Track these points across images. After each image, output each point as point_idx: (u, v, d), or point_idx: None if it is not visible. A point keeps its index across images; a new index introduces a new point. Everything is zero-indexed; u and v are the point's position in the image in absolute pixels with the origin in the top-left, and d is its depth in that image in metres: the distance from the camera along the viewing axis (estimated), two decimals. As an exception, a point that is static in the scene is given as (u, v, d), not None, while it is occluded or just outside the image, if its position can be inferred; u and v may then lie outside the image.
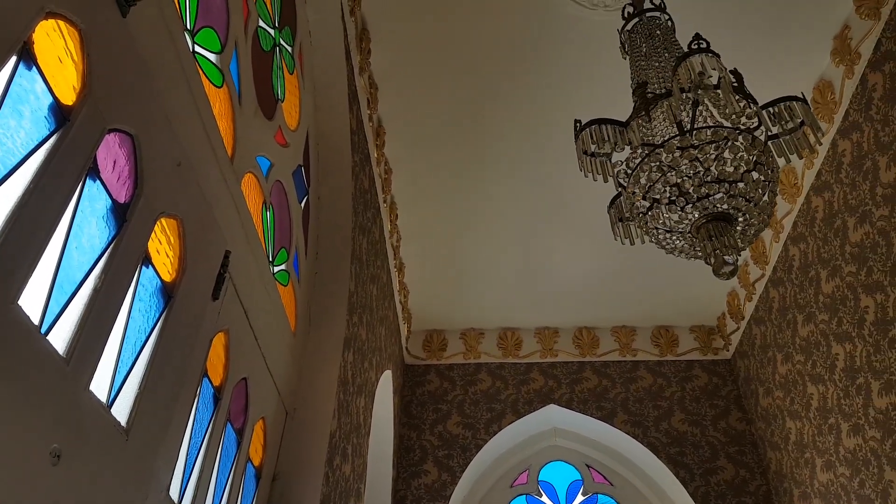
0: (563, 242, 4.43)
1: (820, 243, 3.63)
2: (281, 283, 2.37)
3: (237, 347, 1.95)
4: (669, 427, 4.69)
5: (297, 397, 2.56)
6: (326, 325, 2.73)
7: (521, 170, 3.94)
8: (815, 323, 3.73)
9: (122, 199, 1.38)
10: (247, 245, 1.97)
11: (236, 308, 1.91)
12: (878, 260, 3.11)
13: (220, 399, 1.84)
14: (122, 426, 1.30)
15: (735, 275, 1.83)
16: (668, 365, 4.99)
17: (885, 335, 3.10)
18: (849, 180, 3.30)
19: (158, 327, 1.47)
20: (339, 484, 2.67)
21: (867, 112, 3.10)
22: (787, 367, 4.09)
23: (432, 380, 5.03)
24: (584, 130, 1.95)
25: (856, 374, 3.34)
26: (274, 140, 2.30)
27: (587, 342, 5.09)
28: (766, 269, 4.26)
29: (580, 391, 4.89)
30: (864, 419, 3.28)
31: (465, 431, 4.76)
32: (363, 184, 3.21)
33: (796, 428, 4.01)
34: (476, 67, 3.41)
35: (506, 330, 5.21)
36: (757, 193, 1.85)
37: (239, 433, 2.02)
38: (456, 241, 4.43)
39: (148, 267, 1.46)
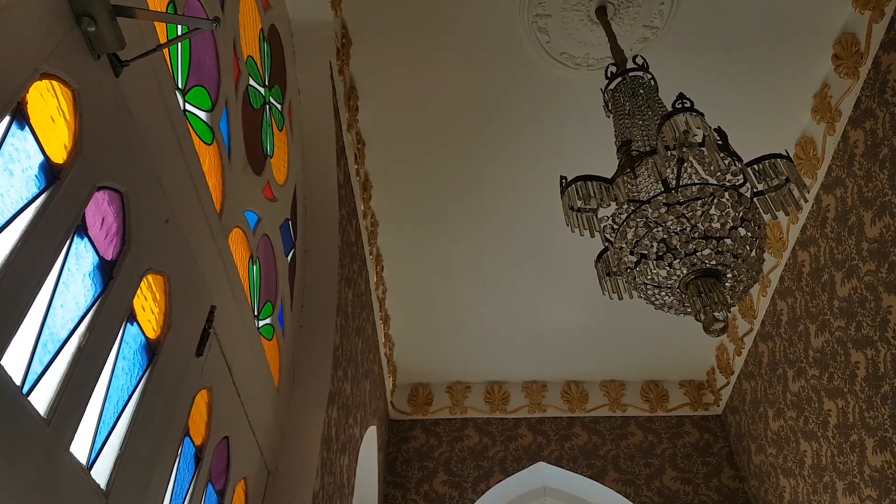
0: (550, 296, 4.42)
1: (808, 297, 3.65)
2: (265, 338, 2.34)
3: (220, 405, 1.90)
4: (661, 485, 4.60)
5: (279, 455, 2.49)
6: (311, 379, 2.68)
7: (508, 223, 3.97)
8: (805, 378, 3.72)
9: (109, 256, 1.36)
10: (232, 300, 1.95)
11: (220, 364, 1.88)
12: (867, 315, 3.13)
13: (201, 459, 1.79)
14: (101, 489, 1.26)
15: (725, 332, 1.83)
16: (659, 421, 4.93)
17: (877, 391, 3.08)
18: (834, 235, 3.34)
19: (141, 385, 1.44)
20: (322, 549, 2.58)
21: (850, 168, 3.17)
22: (780, 424, 4.05)
23: (418, 436, 4.93)
24: (570, 186, 1.98)
25: (849, 431, 3.31)
26: (262, 195, 2.30)
27: (576, 397, 5.03)
28: (755, 323, 4.26)
29: (570, 448, 4.81)
30: (860, 477, 3.23)
31: (451, 491, 4.64)
32: (350, 236, 3.21)
33: (790, 486, 3.94)
34: (461, 123, 3.47)
35: (493, 384, 5.14)
36: (745, 250, 1.87)
37: (220, 494, 1.95)
38: (442, 293, 4.41)
39: (133, 324, 1.43)
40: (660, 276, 1.91)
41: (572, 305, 4.50)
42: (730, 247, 1.84)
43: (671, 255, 1.85)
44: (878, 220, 3.00)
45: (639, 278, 2.02)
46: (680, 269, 1.87)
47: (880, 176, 2.96)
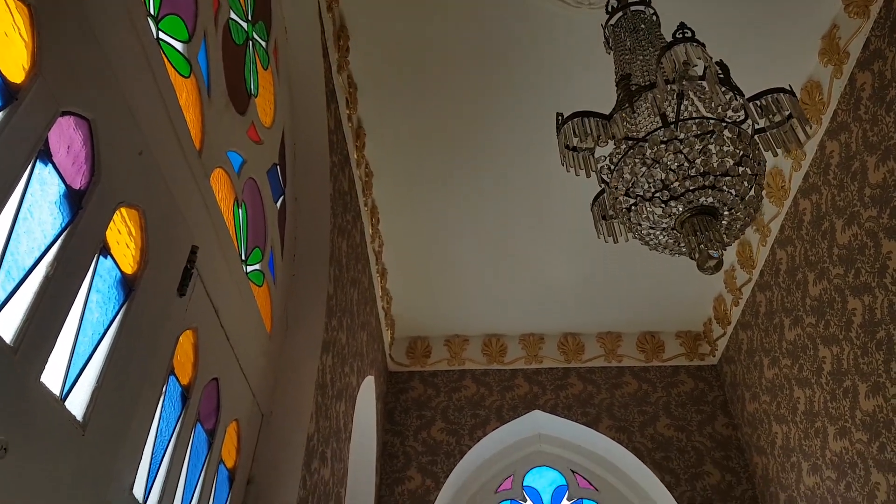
0: (548, 249, 4.38)
1: (807, 246, 3.60)
2: (255, 284, 2.30)
3: (207, 346, 1.87)
4: (655, 432, 4.64)
5: (273, 400, 2.48)
6: (303, 327, 2.66)
7: (506, 174, 3.89)
8: (801, 326, 3.70)
9: (78, 185, 1.31)
10: (216, 241, 1.90)
11: (205, 306, 1.84)
12: (866, 261, 3.09)
13: (188, 399, 1.77)
14: (77, 420, 1.23)
15: (720, 269, 1.79)
16: (654, 371, 4.94)
17: (872, 337, 3.07)
18: (837, 182, 3.28)
19: (118, 320, 1.40)
20: (317, 488, 2.60)
21: (856, 112, 3.08)
22: (774, 372, 4.05)
23: (416, 386, 4.96)
24: (566, 124, 1.91)
25: (843, 377, 3.31)
26: (246, 136, 2.23)
27: (572, 348, 5.04)
28: (753, 273, 4.23)
29: (565, 397, 4.83)
30: (851, 422, 3.24)
31: (449, 438, 4.69)
32: (342, 185, 3.15)
33: (783, 432, 3.97)
34: (458, 68, 3.37)
35: (490, 336, 5.15)
36: (743, 187, 1.81)
37: (210, 434, 1.94)
38: (440, 246, 4.37)
39: (106, 257, 1.39)
40: (655, 215, 1.86)
41: (570, 259, 4.46)
42: (728, 184, 1.79)
43: (667, 193, 1.80)
44: (881, 165, 2.93)
45: (634, 219, 1.97)
46: (676, 207, 1.82)
47: (886, 119, 2.88)
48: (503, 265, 4.51)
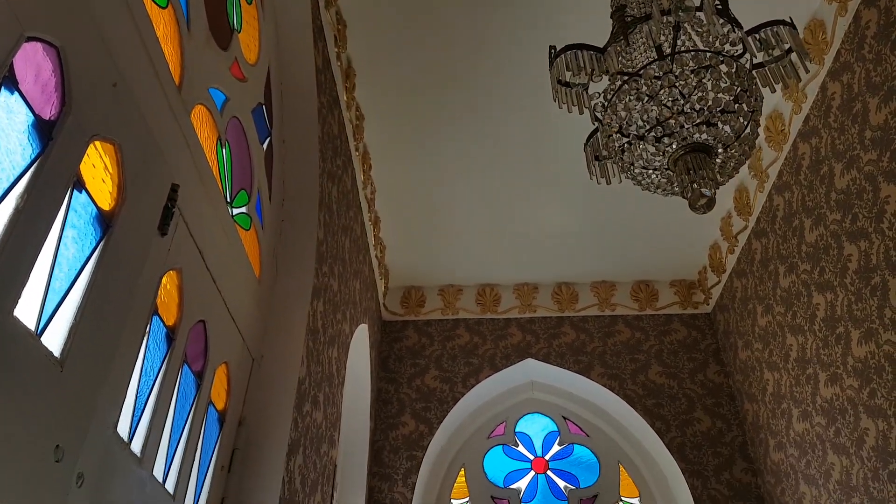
0: (543, 197, 4.33)
1: (805, 191, 3.56)
2: (242, 227, 2.26)
3: (192, 288, 1.85)
4: (646, 380, 4.68)
5: (263, 344, 2.47)
6: (293, 273, 2.63)
7: (502, 120, 3.81)
8: (796, 273, 3.69)
9: (48, 115, 1.26)
10: (198, 180, 1.86)
11: (189, 246, 1.81)
12: (864, 206, 3.05)
13: (174, 340, 1.75)
14: (54, 356, 1.21)
15: (711, 208, 1.75)
16: (647, 319, 4.96)
17: (867, 283, 3.05)
18: (837, 124, 3.21)
19: (96, 256, 1.37)
20: (309, 430, 2.61)
21: (859, 51, 3.00)
22: (767, 319, 4.06)
23: (410, 335, 4.98)
24: (559, 57, 1.84)
25: (836, 324, 3.31)
26: (229, 73, 2.16)
27: (566, 297, 5.04)
28: (750, 220, 4.20)
29: (558, 345, 4.86)
30: (843, 368, 3.26)
31: (442, 385, 4.73)
32: (332, 128, 3.08)
33: (774, 379, 4.00)
34: (453, 7, 3.26)
35: (484, 286, 5.14)
36: (739, 123, 1.76)
37: (198, 376, 1.93)
38: (434, 195, 4.31)
39: (81, 192, 1.34)
40: (648, 154, 1.82)
41: (566, 208, 4.41)
42: (724, 119, 1.73)
43: (661, 130, 1.75)
44: (884, 106, 2.87)
45: (627, 158, 1.92)
46: (669, 144, 1.77)
47: (891, 58, 2.80)
48: (498, 214, 4.47)
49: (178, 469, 1.79)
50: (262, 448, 2.29)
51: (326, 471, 3.01)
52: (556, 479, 4.70)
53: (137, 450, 1.55)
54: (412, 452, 4.47)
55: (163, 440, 1.69)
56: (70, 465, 1.24)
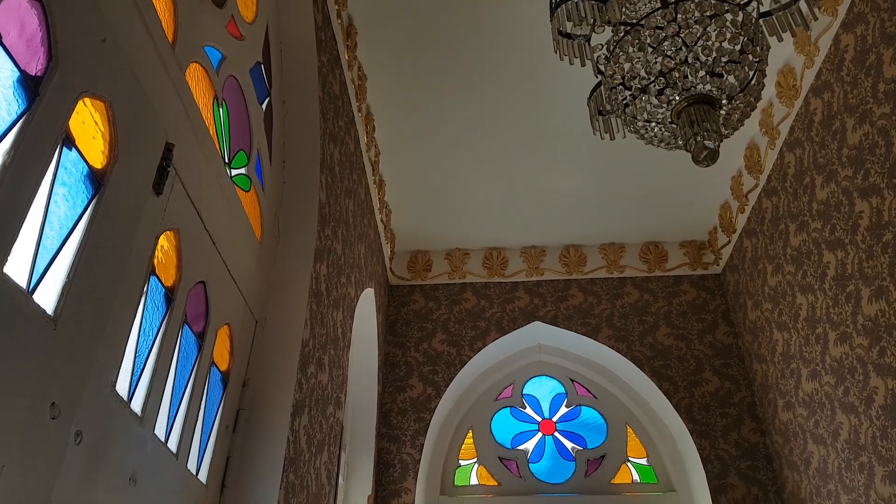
0: (550, 158, 4.27)
1: (816, 148, 3.49)
2: (241, 188, 2.25)
3: (190, 249, 1.84)
4: (654, 341, 4.67)
5: (266, 307, 2.48)
6: (295, 235, 2.62)
7: (508, 79, 3.74)
8: (807, 232, 3.64)
9: (34, 71, 1.23)
10: (195, 140, 1.83)
11: (186, 207, 1.79)
12: (877, 161, 2.98)
13: (173, 300, 1.75)
14: (47, 314, 1.21)
15: (715, 160, 1.71)
16: (656, 281, 4.93)
17: (878, 240, 3.00)
18: (850, 78, 3.13)
19: (88, 214, 1.36)
20: (314, 391, 2.63)
21: (874, 0, 2.90)
22: (777, 279, 4.02)
23: (417, 300, 4.99)
24: (560, 7, 1.79)
25: (846, 282, 3.27)
26: (225, 30, 2.12)
27: (574, 260, 5.02)
28: (760, 178, 4.13)
29: (565, 308, 4.85)
30: (853, 327, 3.22)
31: (449, 349, 4.75)
32: (333, 88, 3.03)
33: (783, 339, 3.98)
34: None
35: (491, 250, 5.12)
36: (744, 73, 1.71)
37: (199, 337, 1.94)
38: (439, 157, 4.27)
39: (71, 149, 1.33)
40: (651, 106, 1.77)
41: (575, 169, 4.35)
42: (728, 69, 1.68)
43: (664, 81, 1.70)
44: (897, 58, 2.78)
45: (630, 111, 1.88)
46: (672, 96, 1.72)
47: (905, 7, 2.71)
48: (505, 176, 4.42)
49: (180, 428, 1.80)
50: (267, 408, 2.31)
51: (333, 431, 3.04)
52: (564, 441, 4.73)
53: (138, 409, 1.56)
54: (420, 415, 4.51)
55: (164, 400, 1.70)
56: (67, 422, 1.24)
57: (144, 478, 1.56)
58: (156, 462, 1.63)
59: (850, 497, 3.30)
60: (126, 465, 1.48)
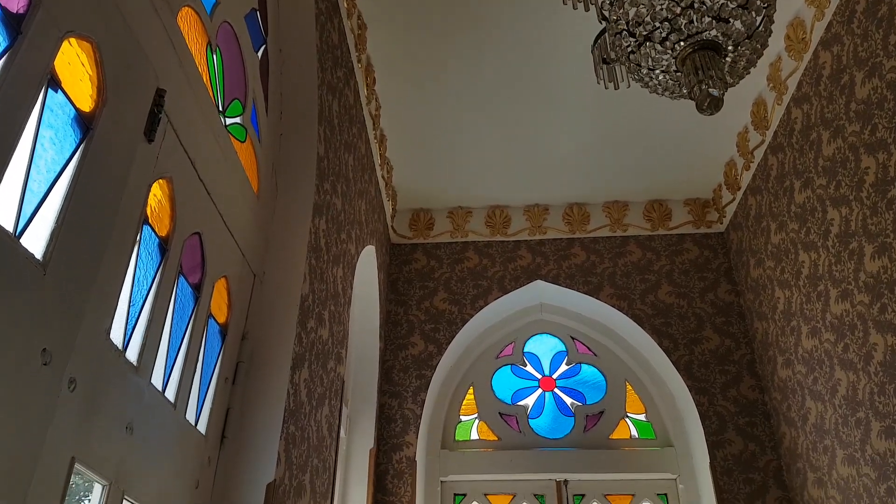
0: (555, 114, 4.20)
1: (824, 103, 3.42)
2: (237, 139, 2.21)
3: (184, 199, 1.81)
4: (656, 300, 4.67)
5: (265, 261, 2.46)
6: (293, 189, 2.59)
7: (509, 33, 3.65)
8: (812, 188, 3.59)
9: (15, 9, 1.19)
10: (187, 86, 1.79)
11: (179, 155, 1.76)
12: (885, 116, 2.92)
13: (167, 250, 1.73)
14: (36, 259, 1.19)
15: (719, 108, 1.67)
16: (659, 239, 4.91)
17: (883, 196, 2.96)
18: (860, 30, 3.05)
19: (77, 158, 1.33)
20: (314, 346, 2.64)
21: (885, -52, 2.81)
22: (781, 237, 3.99)
23: (419, 258, 4.98)
24: (562, -51, 1.72)
25: (849, 239, 3.24)
26: (219, -27, 2.06)
27: (577, 218, 4.98)
28: (767, 134, 4.06)
29: (567, 267, 4.84)
30: (854, 284, 3.21)
31: (451, 307, 4.75)
32: (331, 37, 2.97)
33: (785, 297, 3.97)
34: None
35: (494, 208, 5.09)
36: (751, 19, 1.65)
37: (196, 288, 1.93)
38: (441, 112, 4.20)
39: (57, 91, 1.29)
40: (656, 52, 1.72)
41: (579, 125, 4.29)
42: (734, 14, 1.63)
43: (669, 26, 1.65)
44: (911, 8, 2.70)
45: (634, 59, 1.82)
46: (678, 41, 1.67)
47: (921, -46, 2.62)
48: (508, 133, 4.36)
49: (178, 379, 1.80)
50: (267, 361, 2.31)
51: (334, 386, 3.06)
52: (564, 397, 4.77)
53: (133, 358, 1.56)
54: (422, 371, 4.54)
55: (160, 350, 1.70)
56: (59, 368, 1.24)
57: (142, 427, 1.56)
58: (153, 411, 1.63)
59: (845, 452, 3.33)
60: (123, 414, 1.48)
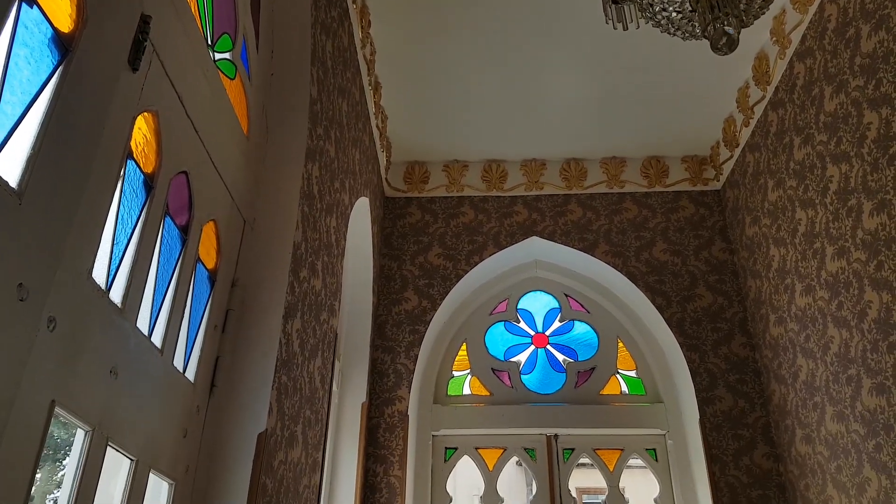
0: (554, 65, 4.10)
1: (828, 57, 3.34)
2: (226, 75, 2.12)
3: (171, 134, 1.74)
4: (650, 257, 4.64)
5: (255, 207, 2.40)
6: (285, 132, 2.51)
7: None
8: (812, 145, 3.54)
9: (-17, -87, 1.10)
10: (174, 15, 1.70)
11: (165, 87, 1.68)
12: (890, 70, 2.85)
13: (153, 188, 1.66)
14: (10, 187, 1.12)
15: (734, 48, 1.60)
16: (656, 196, 4.86)
17: (885, 152, 2.91)
18: (869, -21, 2.95)
19: (55, 82, 1.25)
20: (307, 296, 2.59)
21: None
22: (778, 194, 3.95)
23: (413, 212, 4.91)
24: None
25: (848, 196, 3.20)
26: None
27: (575, 174, 4.92)
28: (768, 90, 3.98)
29: (563, 223, 4.79)
30: (851, 241, 3.18)
31: (445, 262, 4.71)
32: (325, -24, 2.84)
33: (780, 255, 3.94)
34: None
35: (491, 162, 5.01)
36: (768, -49, 1.57)
37: (183, 230, 1.86)
38: (438, 61, 4.08)
39: (32, 7, 1.21)
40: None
41: (578, 78, 4.18)
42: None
43: (682, -42, 1.56)
44: (926, -46, 2.61)
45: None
46: (691, -25, 1.59)
47: None
48: (506, 84, 4.26)
49: (165, 324, 1.75)
50: (258, 310, 2.26)
51: (327, 338, 3.02)
52: (556, 353, 4.78)
53: (117, 299, 1.50)
54: (415, 327, 4.52)
55: (146, 293, 1.64)
56: (37, 305, 1.18)
57: (127, 371, 1.51)
58: (139, 356, 1.58)
59: (835, 409, 3.35)
60: (106, 357, 1.43)
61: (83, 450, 1.36)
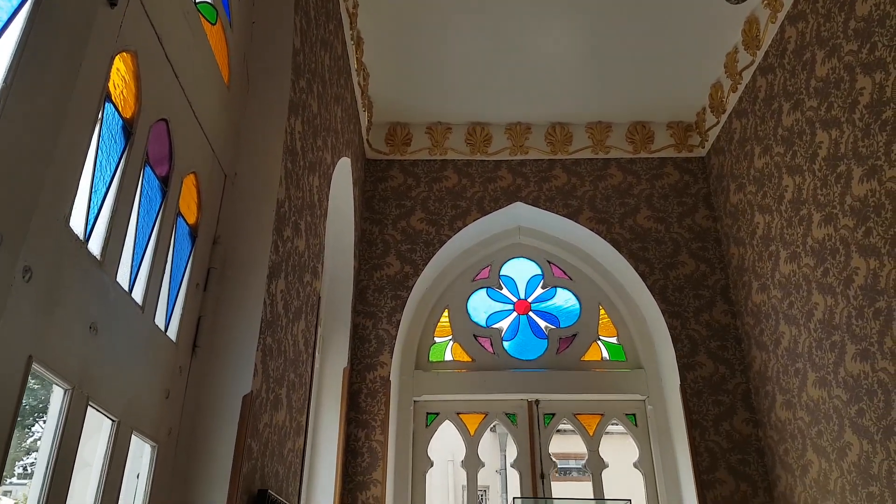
0: (539, 22, 3.99)
1: (821, 20, 3.29)
2: (207, 19, 2.00)
3: (151, 78, 1.63)
4: (634, 224, 4.62)
5: (237, 161, 2.29)
6: (267, 83, 2.39)
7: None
8: (801, 111, 3.50)
9: None
10: (152, -53, 1.58)
11: (144, 27, 1.56)
12: (885, 34, 2.81)
13: (132, 134, 1.56)
14: (-23, 124, 1.02)
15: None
16: (641, 163, 4.82)
17: (877, 118, 2.89)
18: (868, -61, 2.89)
19: (26, 10, 1.14)
20: (291, 256, 2.50)
21: None
22: (765, 161, 3.93)
23: (395, 175, 4.81)
24: None
25: (838, 162, 3.18)
26: None
27: (560, 139, 4.85)
28: (757, 54, 3.94)
29: (548, 189, 4.74)
30: (839, 208, 3.17)
31: (428, 227, 4.64)
32: (309, -81, 2.70)
33: (765, 222, 3.94)
34: None
35: (475, 125, 4.91)
36: None
37: (163, 182, 1.76)
38: (422, 18, 3.95)
39: (-4, -75, 1.09)
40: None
41: (566, 39, 4.09)
42: None
43: None
44: (929, -87, 2.55)
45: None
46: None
47: None
48: (491, 43, 4.15)
49: (145, 280, 1.66)
50: (241, 268, 2.18)
51: (310, 300, 2.95)
52: (538, 320, 4.76)
53: (96, 251, 1.41)
54: (397, 292, 4.46)
55: (126, 246, 1.55)
56: (11, 253, 1.09)
57: (107, 327, 1.43)
58: (119, 312, 1.50)
59: (817, 374, 3.37)
60: (86, 312, 1.34)
61: (62, 409, 1.28)
